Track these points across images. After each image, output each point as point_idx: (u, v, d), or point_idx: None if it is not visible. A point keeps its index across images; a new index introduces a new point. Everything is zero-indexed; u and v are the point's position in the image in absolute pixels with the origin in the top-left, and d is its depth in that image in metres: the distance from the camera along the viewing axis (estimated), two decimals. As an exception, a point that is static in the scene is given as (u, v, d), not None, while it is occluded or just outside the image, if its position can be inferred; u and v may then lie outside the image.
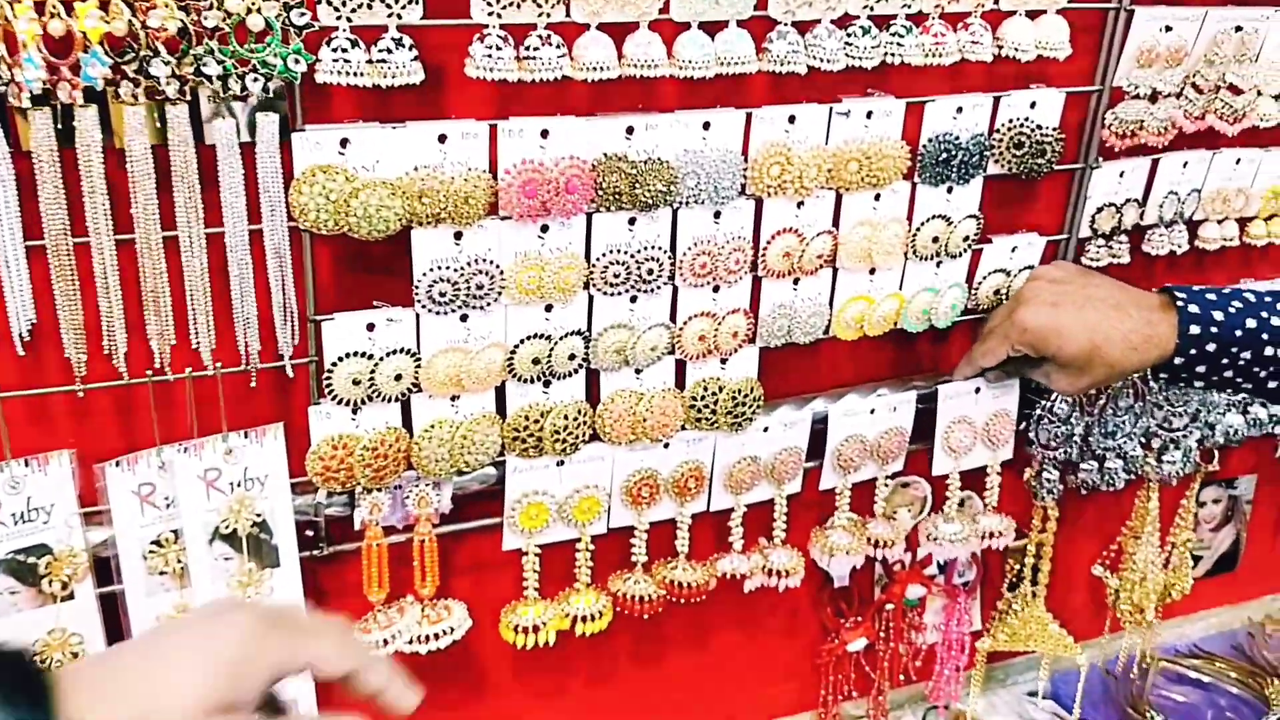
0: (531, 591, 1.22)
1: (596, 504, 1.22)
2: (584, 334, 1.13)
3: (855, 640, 1.51)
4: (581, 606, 1.24)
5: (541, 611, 1.23)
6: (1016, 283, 1.34)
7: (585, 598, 1.25)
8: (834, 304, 1.25)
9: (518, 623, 1.22)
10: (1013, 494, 1.57)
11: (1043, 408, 1.40)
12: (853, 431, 1.32)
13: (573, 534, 1.23)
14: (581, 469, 1.20)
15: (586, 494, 1.21)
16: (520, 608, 1.23)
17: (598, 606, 1.25)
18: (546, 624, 1.22)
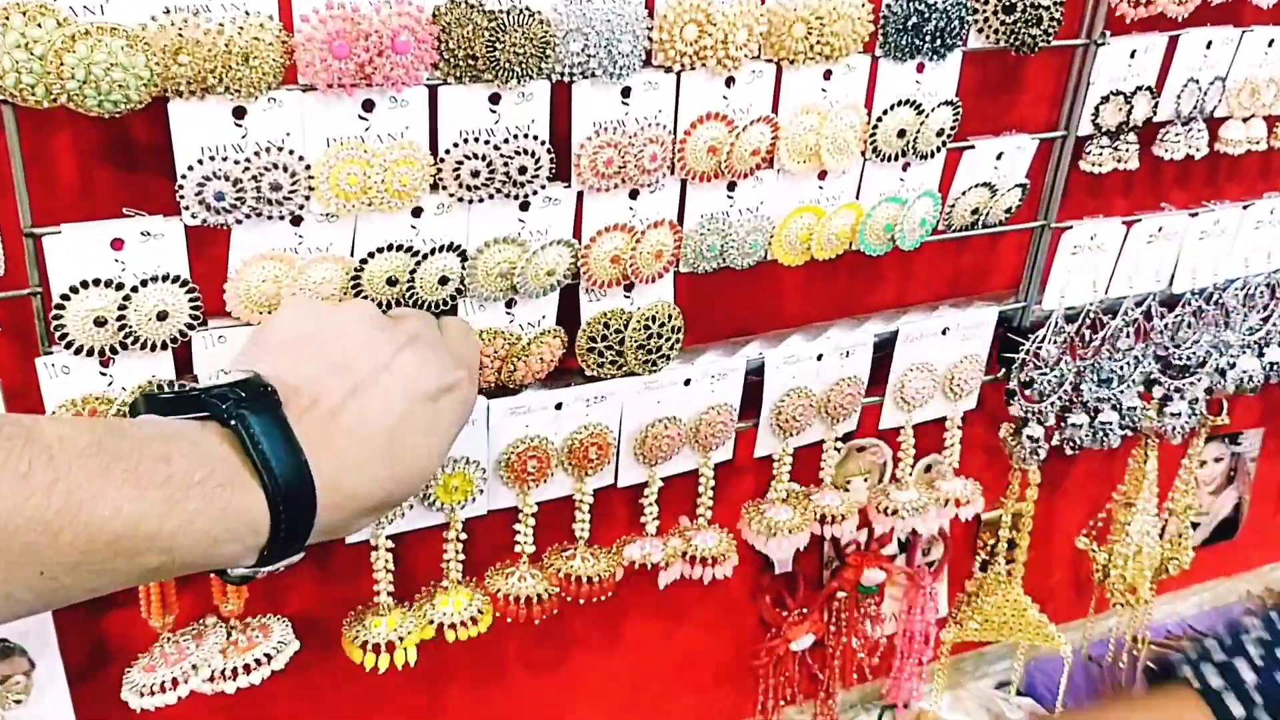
0: (384, 597, 0.93)
1: (468, 481, 0.93)
2: (460, 249, 0.84)
3: (801, 636, 1.25)
4: (450, 611, 0.96)
5: (397, 622, 0.94)
6: (1002, 203, 1.06)
7: (455, 598, 0.97)
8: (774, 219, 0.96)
9: (366, 638, 0.93)
10: (984, 456, 1.32)
11: (1027, 350, 1.13)
12: (796, 383, 1.04)
13: (438, 519, 0.94)
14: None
15: (455, 470, 0.92)
16: (368, 618, 0.94)
17: (471, 610, 0.97)
18: (405, 637, 0.94)
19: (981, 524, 1.35)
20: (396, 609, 0.95)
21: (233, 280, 0.76)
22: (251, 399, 0.59)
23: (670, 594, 1.09)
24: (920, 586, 1.31)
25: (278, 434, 0.59)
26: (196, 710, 0.95)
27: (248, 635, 0.89)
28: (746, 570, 1.23)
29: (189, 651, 0.86)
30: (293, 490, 0.58)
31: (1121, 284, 1.16)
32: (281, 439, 0.59)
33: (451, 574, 0.97)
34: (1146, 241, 1.14)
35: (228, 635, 0.88)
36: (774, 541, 1.08)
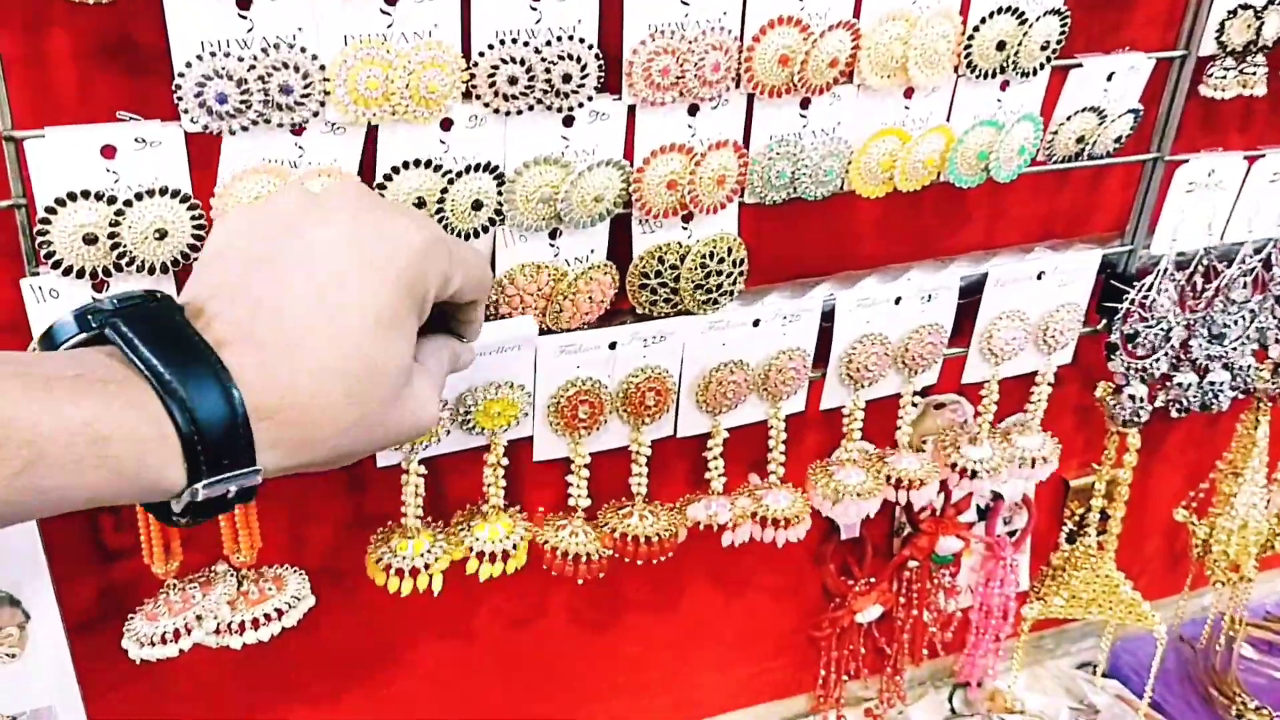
0: (412, 519, 0.85)
1: (511, 405, 0.84)
2: (495, 169, 0.74)
3: (867, 607, 1.15)
4: (484, 539, 0.87)
5: (425, 546, 0.86)
6: (1111, 131, 0.94)
7: (493, 525, 0.88)
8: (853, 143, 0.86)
9: (391, 561, 0.85)
10: (1075, 417, 1.20)
11: (1132, 299, 1.02)
12: (870, 329, 0.94)
13: (476, 442, 0.86)
14: (495, 361, 0.82)
15: (497, 395, 0.83)
16: (395, 539, 0.86)
17: (510, 540, 0.88)
18: (433, 563, 0.86)
19: (1070, 491, 1.24)
20: (426, 531, 0.86)
21: (220, 196, 0.67)
22: (128, 309, 0.50)
23: (726, 557, 0.99)
24: (1000, 557, 1.20)
25: (166, 332, 0.49)
26: (209, 661, 0.88)
27: (259, 587, 0.81)
28: (810, 534, 1.13)
29: (194, 601, 0.78)
30: (195, 385, 0.47)
31: (1239, 227, 1.04)
32: (171, 337, 0.49)
33: (492, 499, 0.88)
34: (1270, 180, 1.02)
35: (238, 585, 0.81)
36: (841, 506, 0.98)
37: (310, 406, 0.50)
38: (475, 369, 0.75)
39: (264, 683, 0.97)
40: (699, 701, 1.20)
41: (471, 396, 0.83)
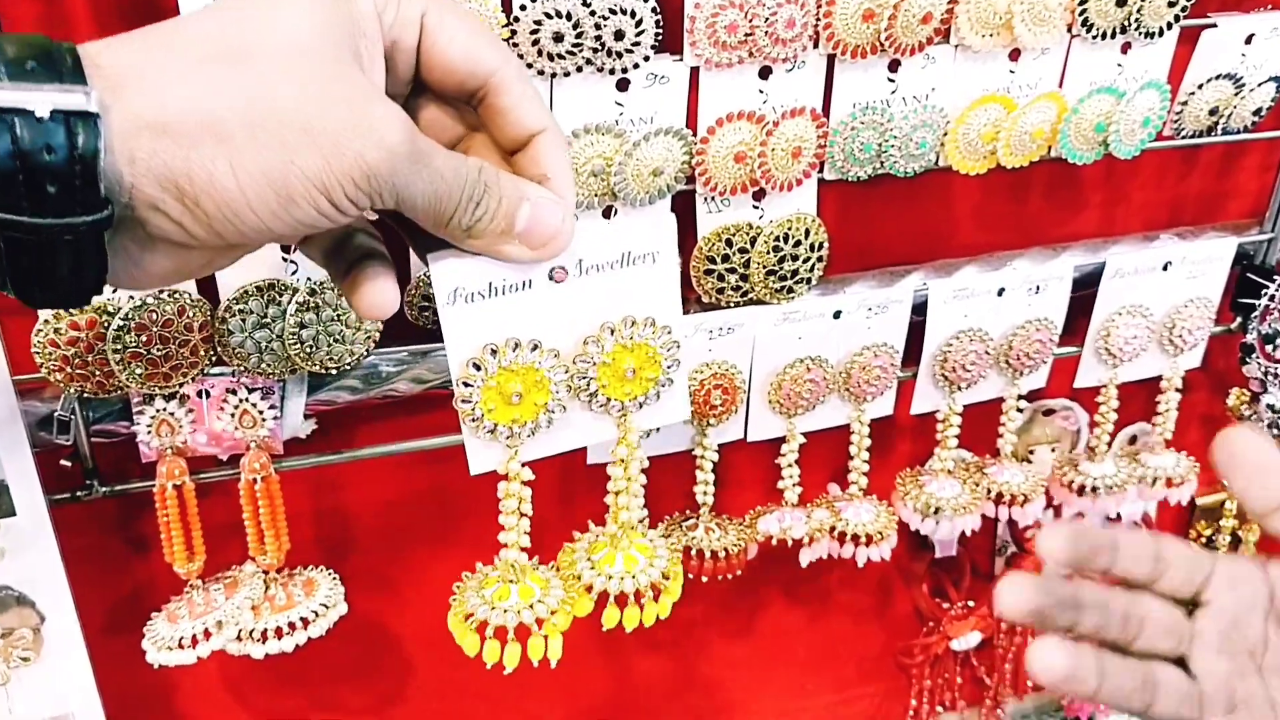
0: (515, 553, 0.62)
1: (544, 387, 0.58)
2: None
3: (964, 634, 1.04)
4: (619, 572, 0.66)
5: (534, 593, 0.63)
6: (1249, 102, 0.83)
7: (625, 550, 0.66)
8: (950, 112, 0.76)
9: (489, 617, 0.62)
10: (1203, 428, 1.08)
11: (1272, 296, 0.90)
12: (969, 324, 0.84)
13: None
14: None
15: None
16: (489, 584, 0.63)
17: (654, 569, 0.66)
18: (552, 616, 0.63)
19: (1197, 511, 1.12)
20: (530, 570, 0.64)
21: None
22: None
23: (804, 573, 0.90)
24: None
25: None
26: (245, 667, 0.83)
27: (287, 591, 0.75)
28: (900, 549, 1.04)
29: (217, 604, 0.72)
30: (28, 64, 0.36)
31: (1402, 215, 0.91)
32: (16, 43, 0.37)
33: (622, 513, 0.65)
34: None
35: (265, 589, 0.74)
36: (931, 521, 0.88)
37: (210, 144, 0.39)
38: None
39: (303, 693, 0.91)
40: (781, 728, 1.11)
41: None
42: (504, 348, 0.54)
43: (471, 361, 0.54)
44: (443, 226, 0.47)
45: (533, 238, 0.50)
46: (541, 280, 0.53)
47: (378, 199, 0.43)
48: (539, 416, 0.57)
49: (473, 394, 0.55)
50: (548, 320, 0.55)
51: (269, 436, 0.71)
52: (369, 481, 0.85)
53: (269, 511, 0.73)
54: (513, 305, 0.53)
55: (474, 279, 0.52)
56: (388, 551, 0.88)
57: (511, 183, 0.48)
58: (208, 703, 0.88)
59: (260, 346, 0.67)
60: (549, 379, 0.56)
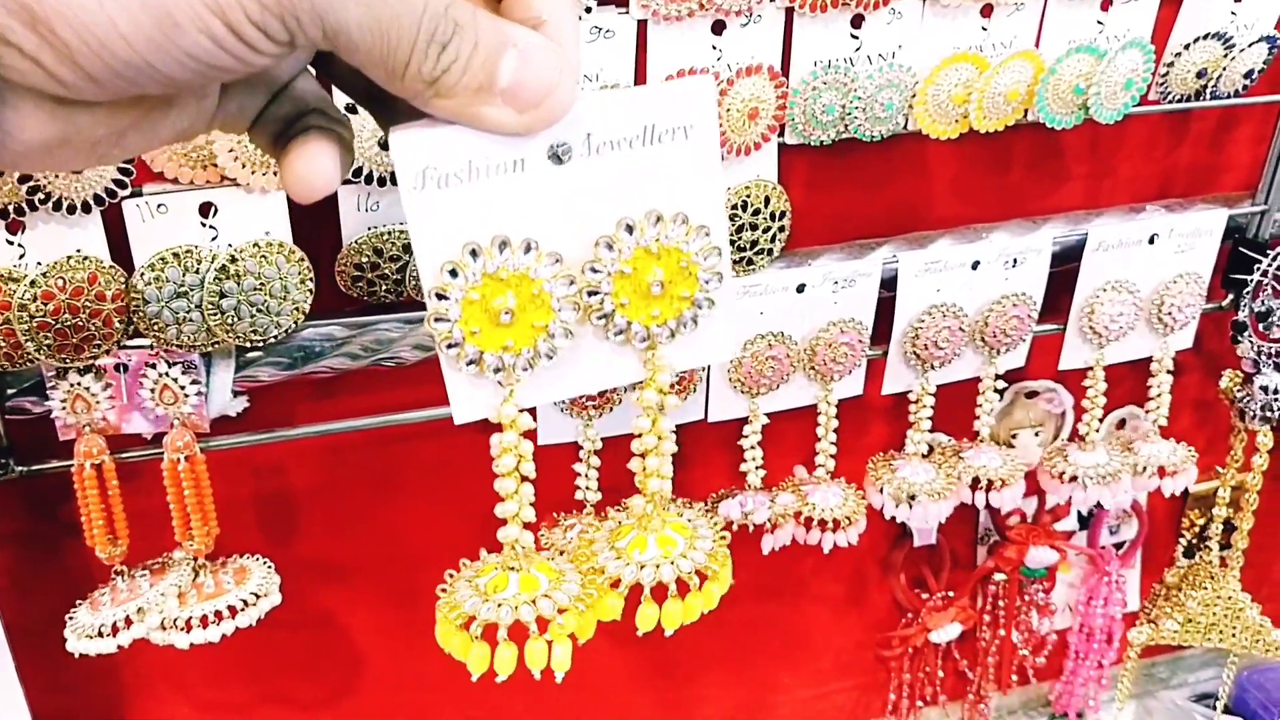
0: (515, 528, 0.46)
1: (543, 304, 0.44)
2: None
3: (944, 625, 1.00)
4: (645, 558, 0.49)
5: (540, 583, 0.48)
6: (1240, 64, 0.78)
7: (658, 534, 0.50)
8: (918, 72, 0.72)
9: (490, 615, 0.46)
10: (1195, 412, 1.04)
11: (1264, 270, 0.85)
12: (942, 299, 0.79)
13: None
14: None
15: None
16: (488, 577, 0.48)
17: (698, 551, 0.50)
18: (562, 615, 0.48)
19: (1189, 499, 1.07)
20: (539, 558, 0.48)
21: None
22: None
23: (783, 563, 0.86)
24: (1104, 572, 1.04)
25: None
26: (182, 658, 0.79)
27: (217, 579, 0.71)
28: (877, 537, 1.00)
29: (142, 591, 0.69)
30: None
31: (1403, 186, 0.86)
32: None
33: (651, 481, 0.49)
34: None
35: (194, 576, 0.71)
36: (906, 507, 0.84)
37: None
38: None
39: (251, 686, 0.87)
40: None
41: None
42: (489, 248, 0.41)
43: (447, 267, 0.41)
44: (399, 79, 0.37)
45: (521, 97, 0.39)
46: (538, 160, 0.41)
47: (295, 26, 0.34)
48: (538, 343, 0.43)
49: (450, 310, 0.41)
50: (547, 214, 0.43)
51: (193, 414, 0.67)
52: (315, 465, 0.81)
53: (194, 494, 0.69)
54: (500, 192, 0.41)
55: (448, 156, 0.40)
56: (336, 539, 0.84)
57: (492, 24, 0.38)
58: (147, 695, 0.85)
59: (178, 317, 0.63)
60: (549, 292, 0.43)
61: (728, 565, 0.52)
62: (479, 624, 0.46)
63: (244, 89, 0.40)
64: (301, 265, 0.64)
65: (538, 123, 0.39)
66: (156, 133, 0.37)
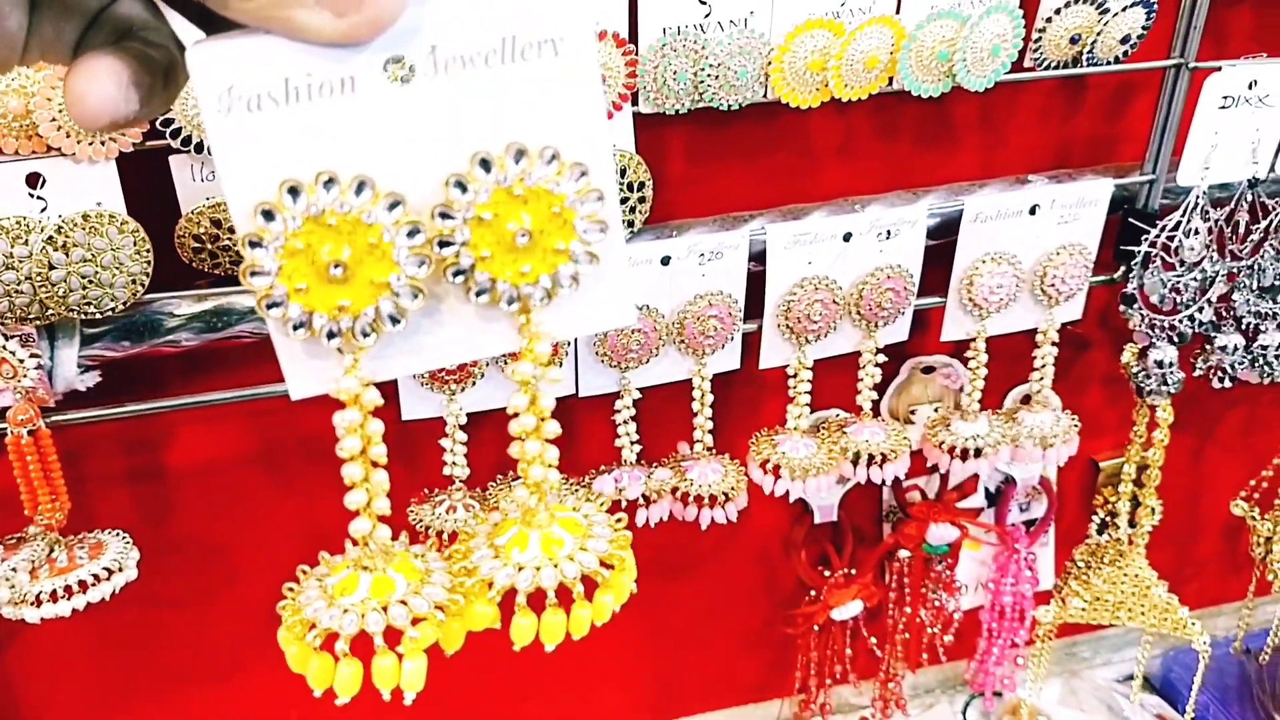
0: (365, 521, 0.40)
1: (383, 255, 0.38)
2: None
3: (845, 602, 0.99)
4: (533, 558, 0.42)
5: (392, 587, 0.41)
6: (1115, 29, 0.77)
7: (546, 530, 0.43)
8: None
9: (332, 622, 0.39)
10: (1108, 387, 1.03)
11: (1153, 243, 0.84)
12: (813, 271, 0.78)
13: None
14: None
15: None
16: (339, 576, 0.41)
17: (594, 550, 0.42)
18: (415, 624, 0.40)
19: (1101, 475, 1.06)
20: (405, 555, 0.42)
21: None
22: None
23: (689, 540, 0.86)
24: (1013, 550, 1.03)
25: None
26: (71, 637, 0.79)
27: (71, 554, 0.71)
28: (784, 517, 0.99)
29: (-9, 568, 0.68)
30: None
31: (1297, 155, 0.85)
32: None
33: (533, 469, 0.41)
34: (1337, 95, 0.83)
35: (48, 551, 0.70)
36: (785, 482, 0.83)
37: None
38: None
39: (138, 661, 0.87)
40: (665, 700, 1.06)
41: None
42: (312, 185, 0.34)
43: (261, 208, 0.34)
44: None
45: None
46: (372, 77, 0.34)
47: None
48: (379, 304, 0.36)
49: (266, 261, 0.34)
50: (385, 145, 0.35)
51: (34, 388, 0.67)
52: (191, 440, 0.81)
53: (39, 467, 0.68)
54: (326, 118, 0.34)
55: (259, 72, 0.33)
56: (215, 515, 0.83)
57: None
58: (30, 671, 0.85)
59: (8, 290, 0.62)
60: (390, 242, 0.35)
61: (626, 570, 0.43)
62: (319, 633, 0.39)
63: (56, 11, 0.35)
64: (136, 236, 0.64)
65: (362, 28, 0.32)
66: None
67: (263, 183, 0.34)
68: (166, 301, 0.68)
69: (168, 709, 0.89)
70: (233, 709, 0.91)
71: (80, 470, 0.75)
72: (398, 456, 0.77)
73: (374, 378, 0.37)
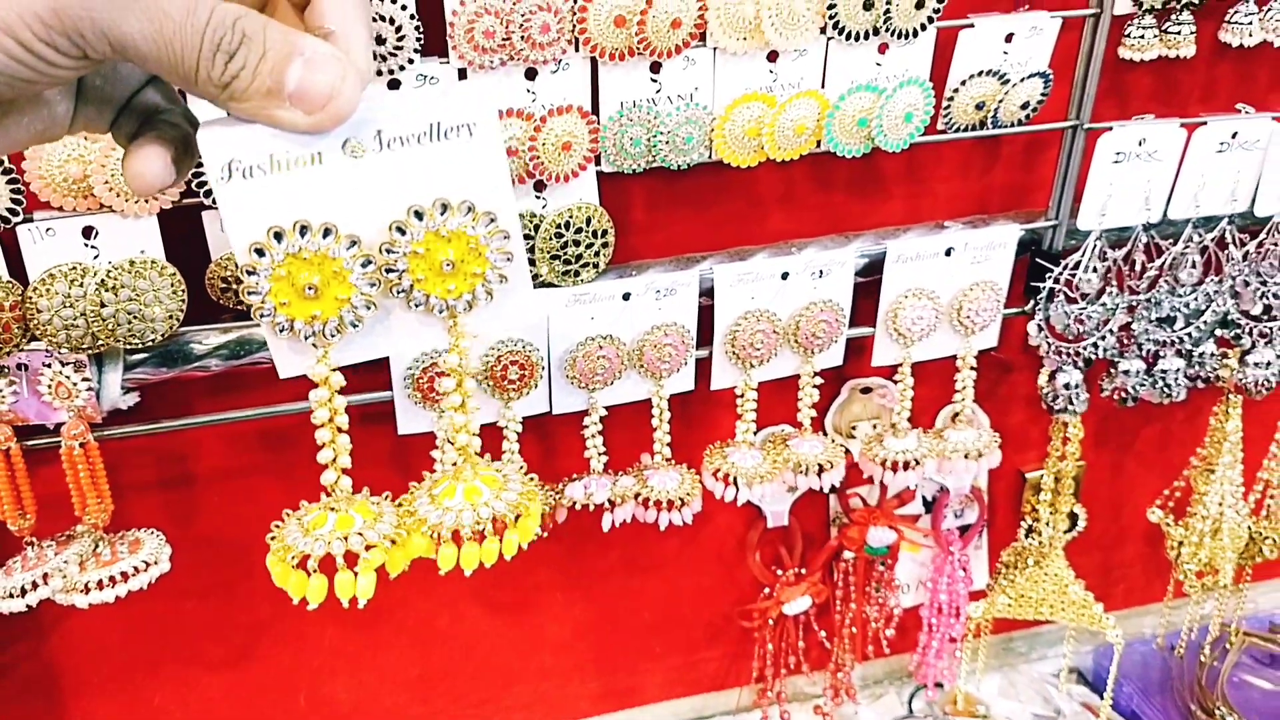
0: (333, 473, 0.56)
1: (344, 279, 0.54)
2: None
3: (795, 599, 1.11)
4: (460, 505, 0.58)
5: (355, 523, 0.56)
6: (1016, 96, 0.89)
7: (470, 484, 0.59)
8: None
9: (306, 547, 0.55)
10: (1032, 407, 1.14)
11: (1056, 278, 0.96)
12: (755, 305, 0.90)
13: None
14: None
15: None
16: (311, 515, 0.57)
17: (504, 500, 0.59)
18: (369, 549, 0.56)
19: (1027, 485, 1.18)
20: (363, 504, 0.57)
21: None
22: None
23: (654, 541, 0.97)
24: (948, 553, 1.14)
25: None
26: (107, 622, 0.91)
27: (114, 549, 0.82)
28: (741, 521, 1.11)
29: (48, 559, 0.80)
30: None
31: (1185, 203, 0.96)
32: None
33: (460, 436, 0.59)
34: (1217, 151, 0.94)
35: (94, 547, 0.82)
36: (734, 488, 0.94)
37: None
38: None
39: (165, 645, 0.99)
40: (631, 689, 1.18)
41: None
42: (291, 231, 0.49)
43: (254, 247, 0.49)
44: (193, 84, 0.42)
45: (307, 100, 0.44)
46: (334, 154, 0.48)
47: (82, 41, 0.39)
48: (342, 313, 0.51)
49: (259, 284, 0.50)
50: (345, 201, 0.50)
51: (86, 407, 0.79)
52: (215, 452, 0.92)
53: (89, 475, 0.80)
54: (301, 182, 0.48)
55: (251, 150, 0.46)
56: (236, 517, 0.95)
57: (281, 35, 0.43)
58: (73, 654, 0.96)
59: (66, 324, 0.74)
60: (348, 270, 0.51)
61: (534, 517, 0.60)
62: (295, 555, 0.55)
63: (96, 97, 0.47)
64: (173, 278, 0.76)
65: (325, 122, 0.45)
66: (9, 135, 0.44)
67: (255, 229, 0.49)
68: (197, 333, 0.80)
69: (192, 685, 1.01)
70: (249, 687, 1.03)
71: (122, 477, 0.86)
72: (396, 466, 0.90)
73: (340, 364, 0.53)
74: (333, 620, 1.03)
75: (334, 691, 1.06)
